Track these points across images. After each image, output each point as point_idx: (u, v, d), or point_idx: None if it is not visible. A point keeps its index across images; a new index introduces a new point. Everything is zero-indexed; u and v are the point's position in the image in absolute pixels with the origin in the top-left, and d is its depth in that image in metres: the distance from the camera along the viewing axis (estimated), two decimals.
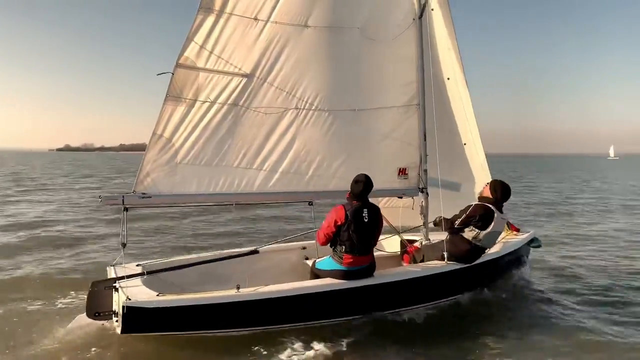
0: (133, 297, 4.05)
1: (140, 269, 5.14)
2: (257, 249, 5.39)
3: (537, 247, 7.28)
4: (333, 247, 4.90)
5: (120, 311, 4.01)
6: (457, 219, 5.39)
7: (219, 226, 12.70)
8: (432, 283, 5.18)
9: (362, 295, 4.79)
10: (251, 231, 12.07)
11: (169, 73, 5.15)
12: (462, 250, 5.29)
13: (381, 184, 6.03)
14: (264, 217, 14.11)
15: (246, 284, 5.12)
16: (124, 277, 4.55)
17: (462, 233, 5.35)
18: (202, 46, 5.31)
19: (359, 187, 4.90)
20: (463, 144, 6.95)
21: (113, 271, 5.09)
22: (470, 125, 6.89)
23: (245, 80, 5.54)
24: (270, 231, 12.05)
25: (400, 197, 6.28)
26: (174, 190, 5.10)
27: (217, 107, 5.40)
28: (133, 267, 5.22)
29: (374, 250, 5.05)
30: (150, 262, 5.51)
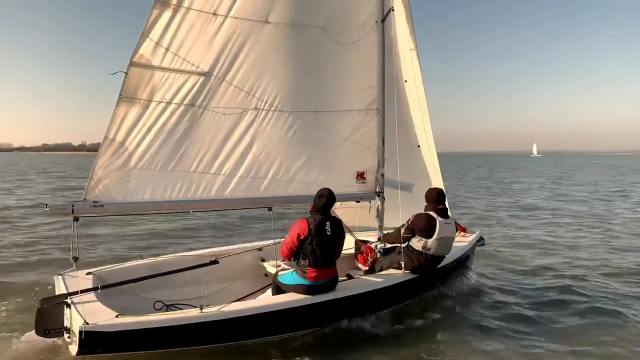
0: (90, 318, 3.83)
1: (91, 278, 4.90)
2: (217, 260, 5.27)
3: (482, 245, 7.65)
4: (296, 261, 4.88)
5: (77, 334, 3.81)
6: (402, 228, 5.48)
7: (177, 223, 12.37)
8: (392, 292, 5.31)
9: (326, 309, 4.84)
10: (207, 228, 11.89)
11: (121, 72, 4.81)
12: (415, 262, 5.40)
13: (340, 188, 6.05)
14: (220, 213, 13.96)
15: (205, 290, 5.08)
16: (76, 292, 4.30)
17: (410, 243, 5.44)
18: (158, 43, 5.00)
19: (322, 202, 4.92)
20: (417, 146, 7.07)
21: (62, 281, 4.81)
22: (425, 128, 7.01)
23: (202, 79, 5.29)
24: (228, 229, 11.93)
25: (357, 202, 6.33)
26: (128, 198, 4.84)
27: (173, 108, 5.14)
28: (83, 275, 4.96)
29: None
30: (100, 269, 5.26)
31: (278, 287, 4.98)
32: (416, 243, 5.40)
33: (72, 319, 4.09)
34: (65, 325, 4.20)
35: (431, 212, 5.44)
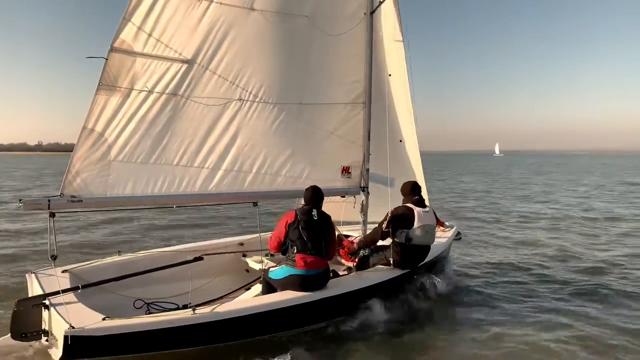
0: (75, 321, 3.58)
1: (67, 276, 4.60)
2: (201, 256, 5.07)
3: (459, 239, 7.74)
4: (286, 254, 4.79)
5: (60, 339, 3.55)
6: (383, 223, 5.43)
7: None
8: (383, 288, 5.26)
9: (318, 307, 4.74)
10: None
11: (101, 58, 4.51)
12: (402, 256, 5.38)
13: (325, 182, 5.94)
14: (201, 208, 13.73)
15: (188, 287, 4.94)
16: (57, 292, 4.02)
17: (393, 237, 5.41)
18: (140, 27, 4.73)
19: (308, 194, 4.95)
20: (399, 141, 7.02)
21: (35, 280, 4.50)
22: (408, 123, 6.96)
23: (185, 67, 5.05)
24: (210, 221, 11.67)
25: (342, 197, 6.24)
26: (108, 192, 4.56)
27: (155, 97, 4.89)
28: (58, 273, 4.65)
29: None
30: (76, 266, 4.95)
31: (269, 285, 4.83)
32: (399, 236, 5.36)
33: (53, 321, 3.83)
34: (43, 328, 3.93)
35: (408, 204, 5.44)
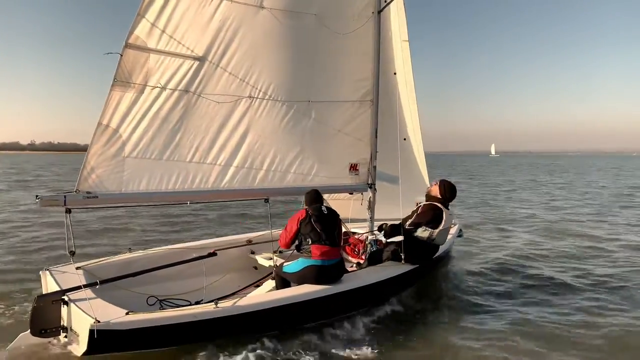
0: (99, 316, 3.57)
1: (82, 273, 4.58)
2: (215, 252, 5.08)
3: (460, 236, 7.85)
4: (300, 249, 4.89)
5: (84, 333, 3.54)
6: (409, 220, 5.52)
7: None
8: (396, 282, 5.34)
9: (339, 300, 4.82)
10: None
11: (117, 54, 4.50)
12: (419, 250, 5.48)
13: (333, 180, 6.01)
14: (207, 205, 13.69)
15: (204, 282, 5.06)
16: (78, 287, 4.01)
17: (415, 234, 5.51)
18: (154, 24, 4.73)
19: (310, 195, 5.11)
20: (404, 139, 7.08)
21: (50, 277, 4.48)
22: (413, 121, 7.04)
23: (197, 63, 5.06)
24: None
25: (350, 194, 6.29)
26: (123, 188, 4.56)
27: (168, 94, 4.89)
28: (72, 269, 4.63)
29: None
30: (90, 263, 4.93)
31: (283, 280, 4.88)
32: (422, 233, 5.48)
33: (73, 317, 3.81)
34: (62, 324, 3.92)
35: (438, 204, 5.55)
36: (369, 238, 6.22)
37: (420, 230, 5.50)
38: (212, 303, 4.04)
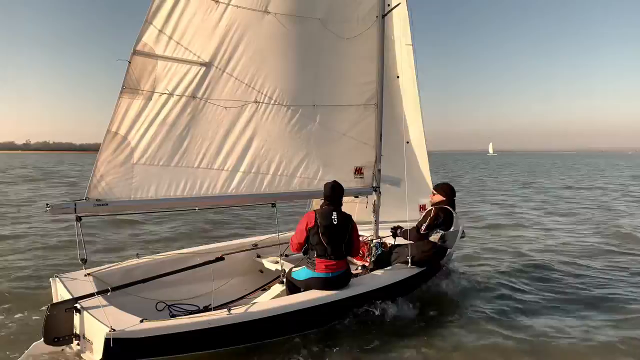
0: (114, 324, 3.58)
1: (92, 279, 4.58)
2: (222, 256, 5.11)
3: (462, 237, 7.88)
4: (307, 255, 4.87)
5: (99, 341, 3.55)
6: (422, 224, 5.55)
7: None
8: (401, 285, 5.37)
9: (350, 304, 4.87)
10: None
11: (125, 61, 4.51)
12: (429, 254, 5.52)
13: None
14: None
15: (213, 287, 5.10)
16: (89, 295, 4.02)
17: (430, 237, 5.55)
18: (161, 31, 4.73)
19: (327, 190, 5.07)
20: (406, 142, 7.10)
21: (60, 284, 4.48)
22: (415, 124, 7.07)
23: (203, 69, 5.07)
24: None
25: (356, 197, 6.32)
26: (132, 195, 4.56)
27: (175, 100, 4.90)
28: (82, 276, 4.64)
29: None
30: (99, 270, 4.93)
31: (292, 285, 4.90)
32: (433, 236, 5.53)
33: (87, 324, 3.82)
34: (74, 332, 3.92)
35: (447, 207, 5.60)
36: (373, 241, 6.26)
37: (432, 234, 5.54)
38: (225, 310, 4.06)
